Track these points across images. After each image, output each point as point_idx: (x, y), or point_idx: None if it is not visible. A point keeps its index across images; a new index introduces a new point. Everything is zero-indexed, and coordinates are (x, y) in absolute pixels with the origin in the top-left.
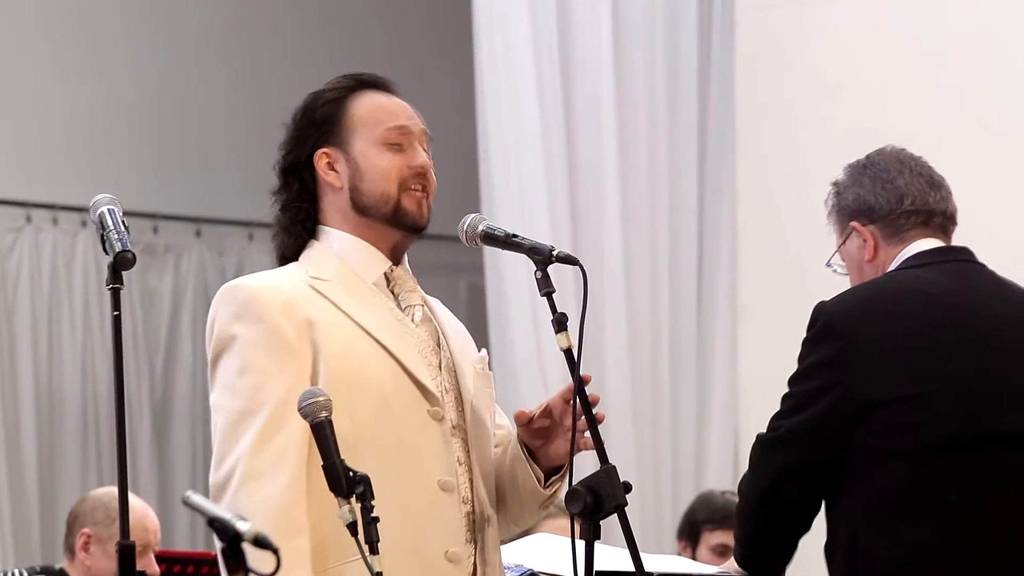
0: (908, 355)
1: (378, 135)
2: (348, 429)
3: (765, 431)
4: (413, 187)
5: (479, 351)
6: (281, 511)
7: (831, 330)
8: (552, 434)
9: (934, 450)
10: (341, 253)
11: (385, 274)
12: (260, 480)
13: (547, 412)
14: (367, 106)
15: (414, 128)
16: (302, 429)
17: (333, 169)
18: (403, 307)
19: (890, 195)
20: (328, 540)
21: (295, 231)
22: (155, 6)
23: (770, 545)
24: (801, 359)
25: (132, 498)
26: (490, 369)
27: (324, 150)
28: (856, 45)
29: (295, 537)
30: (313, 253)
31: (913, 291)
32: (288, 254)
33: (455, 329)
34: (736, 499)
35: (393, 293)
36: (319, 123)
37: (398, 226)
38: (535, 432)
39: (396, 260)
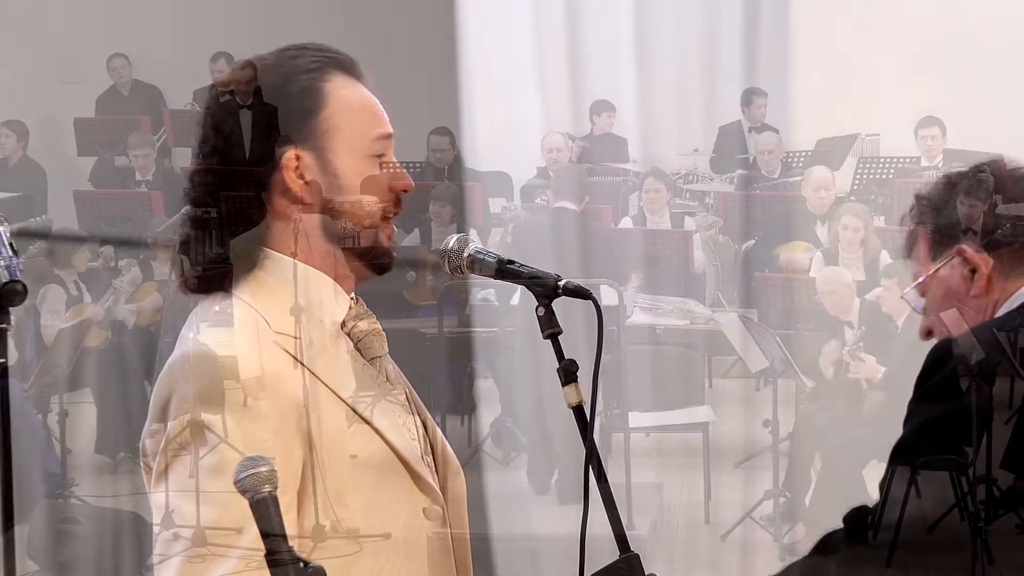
0: None
1: (366, 145)
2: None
3: None
4: (390, 214)
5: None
6: None
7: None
8: None
9: None
10: (299, 289)
11: None
12: None
13: None
14: (350, 101)
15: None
16: None
17: (302, 178)
18: (368, 357)
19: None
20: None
21: (248, 249)
22: None
23: None
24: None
25: None
26: None
27: (296, 151)
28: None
29: None
30: (260, 289)
31: None
32: (215, 282)
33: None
34: None
35: (349, 335)
36: (295, 113)
37: (368, 265)
38: None
39: (350, 292)
